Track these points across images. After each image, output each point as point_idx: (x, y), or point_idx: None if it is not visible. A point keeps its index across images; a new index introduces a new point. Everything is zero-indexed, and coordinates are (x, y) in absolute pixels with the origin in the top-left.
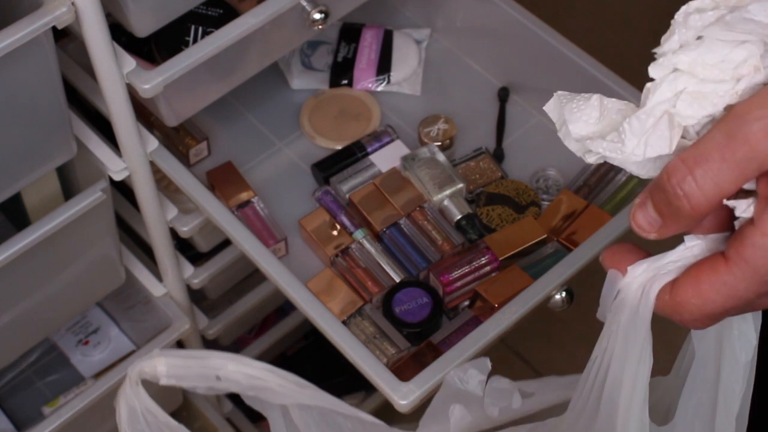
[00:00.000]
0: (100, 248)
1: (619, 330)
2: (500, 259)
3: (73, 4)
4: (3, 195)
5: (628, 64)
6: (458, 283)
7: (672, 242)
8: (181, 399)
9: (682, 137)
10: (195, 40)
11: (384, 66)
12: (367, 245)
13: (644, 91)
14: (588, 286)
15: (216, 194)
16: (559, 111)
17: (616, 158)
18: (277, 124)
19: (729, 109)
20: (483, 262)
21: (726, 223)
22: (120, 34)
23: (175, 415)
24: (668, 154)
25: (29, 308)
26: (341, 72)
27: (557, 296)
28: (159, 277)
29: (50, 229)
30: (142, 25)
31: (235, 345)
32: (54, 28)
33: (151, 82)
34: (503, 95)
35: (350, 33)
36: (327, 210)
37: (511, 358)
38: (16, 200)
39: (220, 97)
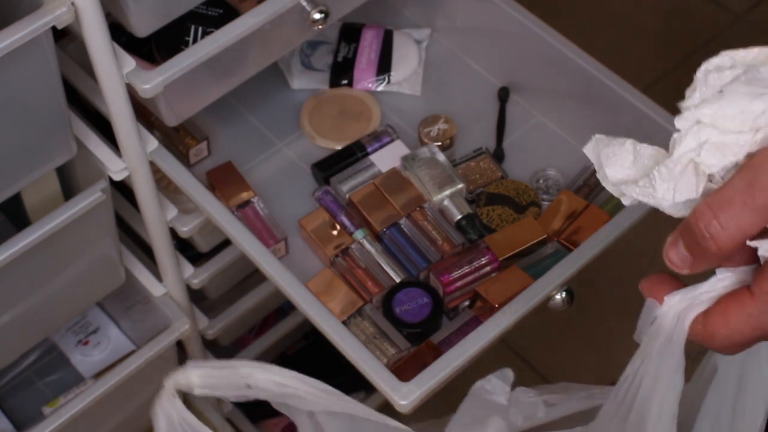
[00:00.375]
0: (100, 248)
1: (653, 353)
2: (500, 259)
3: (72, 4)
4: (3, 195)
5: (628, 64)
6: (458, 284)
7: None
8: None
9: (709, 181)
10: (195, 40)
11: (384, 66)
12: (367, 245)
13: (671, 140)
14: (588, 286)
15: (216, 194)
16: (597, 154)
17: (648, 201)
18: (277, 124)
19: (750, 156)
20: (483, 262)
21: (754, 256)
22: (120, 34)
23: None
24: (696, 198)
25: (29, 308)
26: (341, 72)
27: (557, 296)
28: (159, 277)
29: (50, 229)
30: (142, 25)
31: (235, 345)
32: (54, 28)
33: (151, 82)
34: (503, 95)
35: (350, 33)
36: (327, 210)
37: (511, 358)
38: (16, 200)
39: (220, 97)
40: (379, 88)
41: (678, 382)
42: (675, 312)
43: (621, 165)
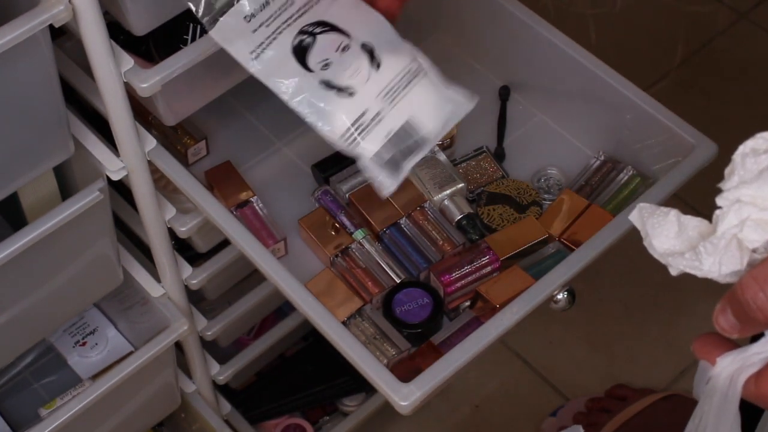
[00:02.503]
0: (98, 248)
1: (711, 411)
2: (501, 259)
3: (70, 2)
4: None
5: (630, 62)
6: (459, 284)
7: None
8: (180, 400)
9: (753, 252)
10: (193, 39)
11: None
12: (367, 245)
13: (714, 217)
14: (590, 286)
15: (215, 194)
16: (642, 223)
17: (696, 273)
18: (277, 124)
19: None
20: (484, 262)
21: None
22: (118, 32)
23: (174, 416)
24: (741, 270)
25: (26, 309)
26: None
27: (559, 297)
28: (157, 277)
29: (47, 229)
30: (140, 24)
31: (234, 346)
32: (51, 27)
33: (149, 80)
34: (504, 94)
35: None
36: (327, 210)
37: (511, 358)
38: (12, 200)
39: (219, 96)
40: None
41: None
42: (728, 373)
43: (666, 236)
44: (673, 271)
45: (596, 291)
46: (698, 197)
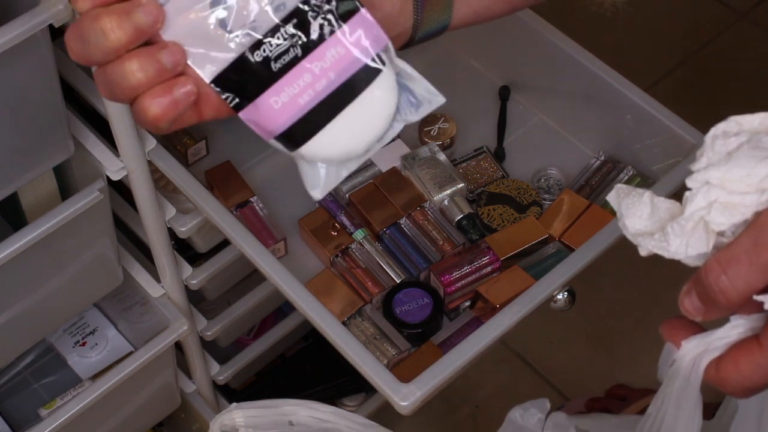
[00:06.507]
0: (98, 248)
1: (673, 394)
2: (501, 259)
3: (69, 1)
4: None
5: (631, 62)
6: (459, 284)
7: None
8: (180, 401)
9: (720, 235)
10: None
11: None
12: (367, 245)
13: (683, 198)
14: (590, 286)
15: (215, 194)
16: (618, 203)
17: (663, 254)
18: None
19: (758, 215)
20: (484, 262)
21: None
22: None
23: (174, 416)
24: (707, 252)
25: (26, 309)
26: None
27: (559, 297)
28: (157, 277)
29: (47, 229)
30: None
31: (234, 346)
32: (51, 27)
33: None
34: (504, 94)
35: None
36: (327, 210)
37: (511, 358)
38: (12, 200)
39: None
40: None
41: (696, 422)
42: (691, 356)
43: (639, 216)
44: (643, 251)
45: (596, 291)
46: None
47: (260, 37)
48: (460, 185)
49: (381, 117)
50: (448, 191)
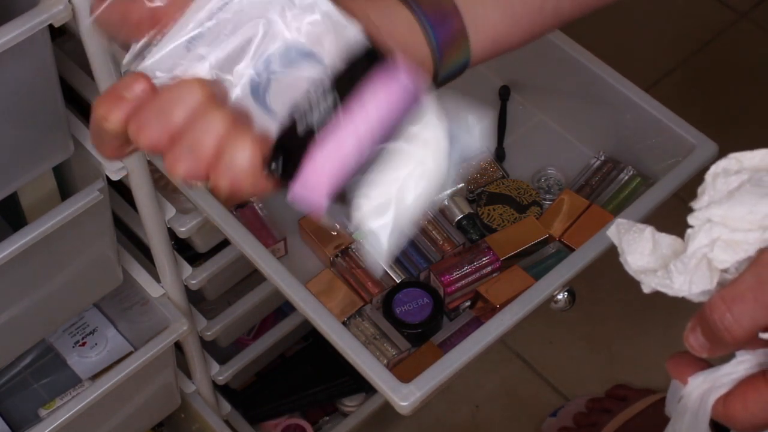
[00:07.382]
0: (98, 248)
1: (682, 431)
2: (501, 259)
3: (69, 2)
4: None
5: (631, 62)
6: (459, 284)
7: None
8: (179, 401)
9: (724, 272)
10: None
11: None
12: None
13: (685, 235)
14: (590, 286)
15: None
16: (619, 239)
17: (667, 292)
18: None
19: (761, 251)
20: (484, 262)
21: None
22: None
23: (174, 416)
24: (711, 289)
25: (25, 309)
26: None
27: (559, 297)
28: (157, 277)
29: (47, 229)
30: None
31: (234, 346)
32: (51, 27)
33: None
34: (504, 94)
35: None
36: None
37: (511, 358)
38: (12, 200)
39: None
40: None
41: None
42: (698, 393)
43: (641, 253)
44: (646, 289)
45: (596, 291)
46: None
47: None
48: (460, 185)
49: None
50: (448, 191)
